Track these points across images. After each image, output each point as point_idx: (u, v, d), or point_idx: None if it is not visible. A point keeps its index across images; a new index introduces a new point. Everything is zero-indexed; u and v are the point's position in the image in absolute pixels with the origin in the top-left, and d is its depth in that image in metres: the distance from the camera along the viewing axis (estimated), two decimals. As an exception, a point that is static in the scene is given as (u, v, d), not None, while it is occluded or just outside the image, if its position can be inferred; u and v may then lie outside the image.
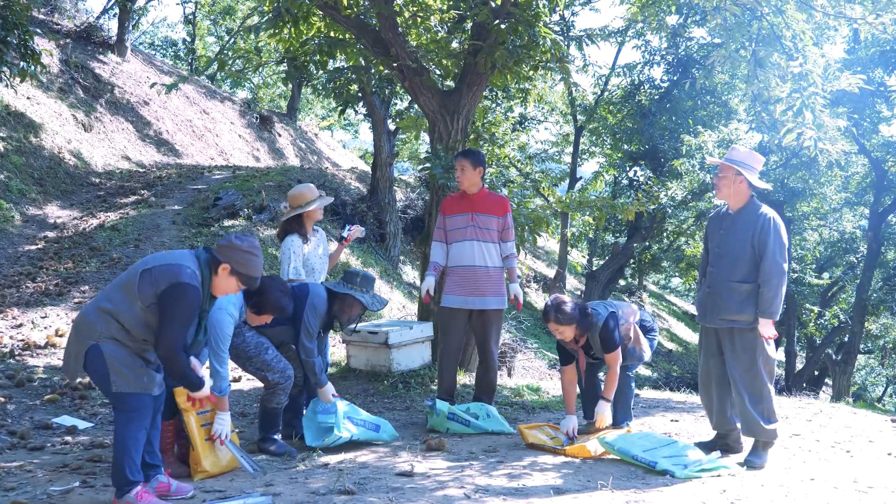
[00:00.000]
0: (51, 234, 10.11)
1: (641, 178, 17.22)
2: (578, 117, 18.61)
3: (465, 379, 6.46)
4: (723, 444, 4.41)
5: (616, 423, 4.84)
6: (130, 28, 18.71)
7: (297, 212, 4.96)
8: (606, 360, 4.62)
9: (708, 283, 4.35)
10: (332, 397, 4.44)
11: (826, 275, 20.24)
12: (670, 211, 17.04)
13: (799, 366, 18.47)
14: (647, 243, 18.63)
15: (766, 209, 4.22)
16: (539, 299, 17.90)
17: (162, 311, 3.15)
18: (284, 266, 4.91)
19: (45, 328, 7.14)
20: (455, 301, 5.20)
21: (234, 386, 6.30)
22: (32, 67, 7.83)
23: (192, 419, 3.83)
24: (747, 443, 4.33)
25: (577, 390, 4.94)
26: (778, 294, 4.05)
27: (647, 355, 4.83)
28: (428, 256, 6.40)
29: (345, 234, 5.28)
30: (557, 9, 6.93)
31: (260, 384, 6.45)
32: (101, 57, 16.89)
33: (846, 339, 17.15)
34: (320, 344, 4.56)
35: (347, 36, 7.00)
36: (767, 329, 4.10)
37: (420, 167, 8.71)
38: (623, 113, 18.09)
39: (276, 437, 4.41)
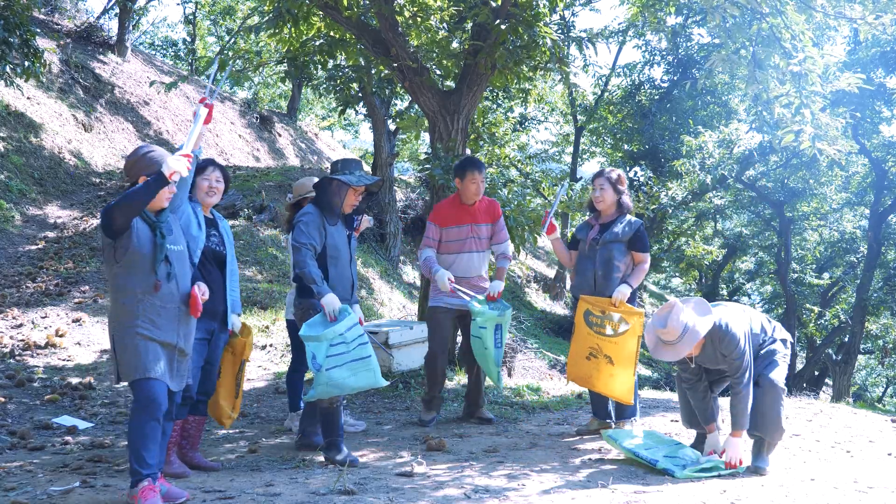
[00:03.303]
0: (51, 234, 10.11)
1: (642, 179, 17.23)
2: (578, 117, 18.62)
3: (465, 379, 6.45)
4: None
5: (622, 418, 4.85)
6: (130, 28, 18.70)
7: (302, 196, 4.96)
8: (635, 258, 4.72)
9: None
10: (338, 306, 4.03)
11: (826, 275, 20.24)
12: (670, 211, 17.05)
13: (799, 366, 18.46)
14: (648, 243, 18.63)
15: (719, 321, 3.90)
16: (539, 299, 17.90)
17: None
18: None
19: (45, 328, 7.15)
20: (446, 300, 5.07)
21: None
22: (38, 65, 7.86)
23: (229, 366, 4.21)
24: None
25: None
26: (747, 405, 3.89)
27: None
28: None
29: (355, 224, 5.26)
30: (557, 9, 6.93)
31: (258, 385, 6.48)
32: (101, 57, 16.89)
33: (846, 339, 17.13)
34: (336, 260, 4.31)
35: (348, 36, 7.01)
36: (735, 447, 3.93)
37: (420, 167, 8.70)
38: (623, 113, 18.10)
39: (341, 443, 4.15)
